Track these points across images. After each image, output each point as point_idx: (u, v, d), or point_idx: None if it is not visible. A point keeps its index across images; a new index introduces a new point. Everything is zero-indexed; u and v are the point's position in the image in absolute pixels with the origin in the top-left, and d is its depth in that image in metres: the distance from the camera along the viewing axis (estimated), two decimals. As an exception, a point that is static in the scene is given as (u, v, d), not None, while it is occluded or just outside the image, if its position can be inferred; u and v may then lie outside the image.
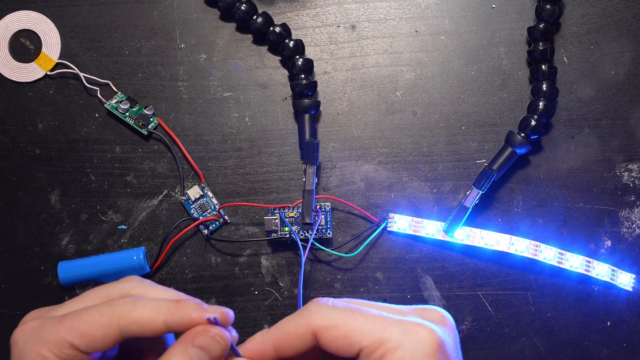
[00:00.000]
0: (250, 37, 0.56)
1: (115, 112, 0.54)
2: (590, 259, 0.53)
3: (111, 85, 0.55)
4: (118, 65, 0.55)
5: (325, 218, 0.53)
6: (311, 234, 0.51)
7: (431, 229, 0.53)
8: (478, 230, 0.53)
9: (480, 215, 0.54)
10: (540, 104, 0.52)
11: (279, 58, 0.55)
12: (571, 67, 0.55)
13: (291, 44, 0.53)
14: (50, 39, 0.55)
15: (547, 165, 0.55)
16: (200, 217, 0.54)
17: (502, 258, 0.54)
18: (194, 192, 0.54)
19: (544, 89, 0.53)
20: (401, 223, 0.53)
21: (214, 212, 0.54)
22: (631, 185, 0.55)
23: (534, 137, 0.52)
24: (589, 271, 0.53)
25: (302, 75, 0.53)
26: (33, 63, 0.55)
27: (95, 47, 0.55)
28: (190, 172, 0.54)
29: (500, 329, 0.54)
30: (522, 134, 0.52)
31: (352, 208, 0.54)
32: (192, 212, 0.54)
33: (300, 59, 0.53)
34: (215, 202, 0.54)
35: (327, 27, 0.56)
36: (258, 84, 0.55)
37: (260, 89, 0.55)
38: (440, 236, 0.53)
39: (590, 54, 0.55)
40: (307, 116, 0.53)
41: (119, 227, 0.54)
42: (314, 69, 0.55)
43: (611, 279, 0.53)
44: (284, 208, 0.53)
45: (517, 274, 0.54)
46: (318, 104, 0.54)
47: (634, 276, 0.53)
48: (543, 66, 0.53)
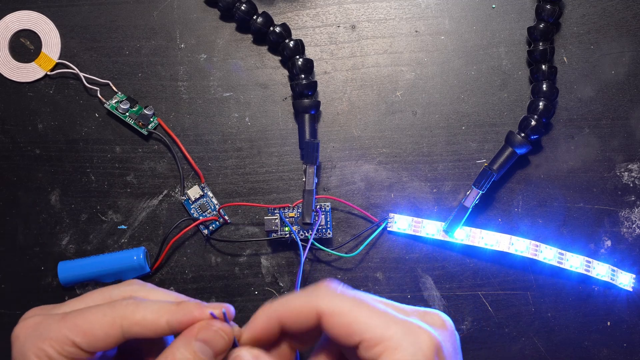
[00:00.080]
0: (250, 37, 0.56)
1: (115, 112, 0.54)
2: (590, 259, 0.53)
3: (111, 85, 0.55)
4: (118, 65, 0.55)
5: (325, 218, 0.53)
6: (311, 234, 0.51)
7: (431, 229, 0.53)
8: (478, 230, 0.53)
9: (480, 215, 0.54)
10: (540, 104, 0.52)
11: (279, 58, 0.55)
12: (571, 67, 0.55)
13: (291, 44, 0.53)
14: (50, 39, 0.55)
15: (547, 165, 0.55)
16: (200, 217, 0.54)
17: (502, 258, 0.54)
18: (194, 192, 0.54)
19: (544, 89, 0.53)
20: (401, 223, 0.53)
21: (214, 212, 0.54)
22: (631, 185, 0.55)
23: (534, 137, 0.52)
24: (589, 271, 0.53)
25: (302, 75, 0.53)
26: (33, 63, 0.55)
27: (95, 47, 0.55)
28: (190, 172, 0.54)
29: (500, 329, 0.54)
30: (522, 134, 0.52)
31: (352, 208, 0.54)
32: (192, 212, 0.54)
33: (300, 59, 0.53)
34: (215, 202, 0.54)
35: (327, 27, 0.56)
36: (258, 84, 0.55)
37: (260, 89, 0.55)
38: (440, 236, 0.53)
39: (590, 54, 0.55)
40: (307, 116, 0.53)
41: (119, 227, 0.54)
42: (314, 69, 0.55)
43: (611, 279, 0.53)
44: (284, 208, 0.53)
45: (517, 274, 0.54)
46: (318, 104, 0.54)
47: (634, 276, 0.53)
48: (543, 66, 0.53)
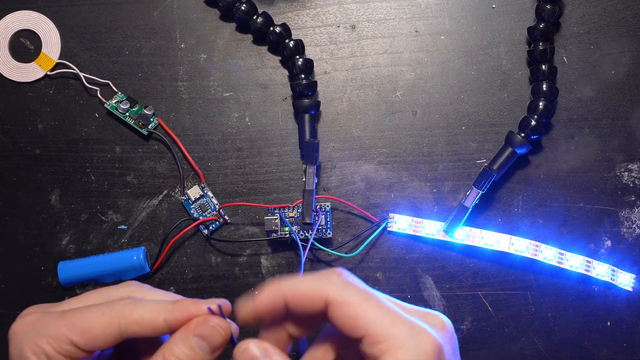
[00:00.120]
0: (250, 37, 0.56)
1: (115, 112, 0.54)
2: (590, 259, 0.53)
3: (111, 85, 0.55)
4: (118, 65, 0.55)
5: (325, 218, 0.53)
6: (311, 234, 0.51)
7: (431, 229, 0.53)
8: (478, 230, 0.53)
9: (480, 215, 0.54)
10: (540, 104, 0.52)
11: (279, 58, 0.55)
12: (571, 67, 0.55)
13: (291, 44, 0.53)
14: (50, 39, 0.55)
15: (547, 165, 0.55)
16: (200, 217, 0.54)
17: (502, 258, 0.54)
18: (194, 192, 0.54)
19: (544, 89, 0.53)
20: (401, 223, 0.53)
21: (214, 212, 0.54)
22: (631, 185, 0.55)
23: (534, 137, 0.52)
24: (589, 271, 0.53)
25: (302, 75, 0.53)
26: (33, 63, 0.55)
27: (95, 47, 0.55)
28: (190, 172, 0.54)
29: (500, 329, 0.54)
30: (522, 134, 0.52)
31: (352, 208, 0.54)
32: (192, 212, 0.54)
33: (300, 59, 0.53)
34: (215, 202, 0.54)
35: (327, 27, 0.56)
36: (258, 84, 0.55)
37: (260, 89, 0.55)
38: (440, 236, 0.53)
39: (590, 54, 0.55)
40: (307, 116, 0.53)
41: (119, 227, 0.54)
42: (314, 69, 0.55)
43: (611, 279, 0.53)
44: (284, 208, 0.53)
45: (517, 274, 0.54)
46: (318, 104, 0.54)
47: (634, 276, 0.53)
48: (543, 66, 0.53)
